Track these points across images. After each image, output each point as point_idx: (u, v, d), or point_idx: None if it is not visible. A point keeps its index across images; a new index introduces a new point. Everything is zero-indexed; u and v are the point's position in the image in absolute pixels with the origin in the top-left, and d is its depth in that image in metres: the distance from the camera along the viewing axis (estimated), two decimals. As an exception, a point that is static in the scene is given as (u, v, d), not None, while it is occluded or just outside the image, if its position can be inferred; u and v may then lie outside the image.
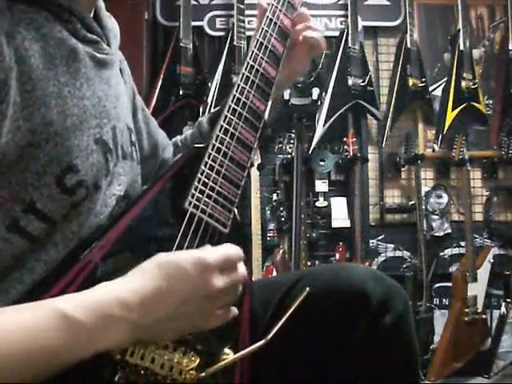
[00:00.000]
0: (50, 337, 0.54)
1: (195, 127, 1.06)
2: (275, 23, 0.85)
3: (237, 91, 0.77)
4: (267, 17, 0.84)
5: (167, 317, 0.61)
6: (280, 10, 0.86)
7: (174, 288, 0.61)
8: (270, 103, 0.83)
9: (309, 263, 2.53)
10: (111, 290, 0.59)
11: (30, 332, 0.54)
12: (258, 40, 0.82)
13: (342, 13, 2.73)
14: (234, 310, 0.68)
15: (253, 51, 0.81)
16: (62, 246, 0.67)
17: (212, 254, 0.64)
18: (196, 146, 0.76)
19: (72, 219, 0.68)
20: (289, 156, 2.64)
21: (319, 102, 2.57)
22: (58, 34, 0.69)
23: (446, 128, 2.63)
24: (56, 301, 0.57)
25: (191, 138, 1.06)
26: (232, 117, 0.76)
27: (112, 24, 0.84)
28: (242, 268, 0.67)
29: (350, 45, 2.61)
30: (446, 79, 2.73)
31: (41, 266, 0.65)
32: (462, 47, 2.67)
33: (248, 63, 0.80)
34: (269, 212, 2.64)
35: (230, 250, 0.66)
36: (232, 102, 0.77)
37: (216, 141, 0.74)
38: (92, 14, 0.78)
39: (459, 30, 2.69)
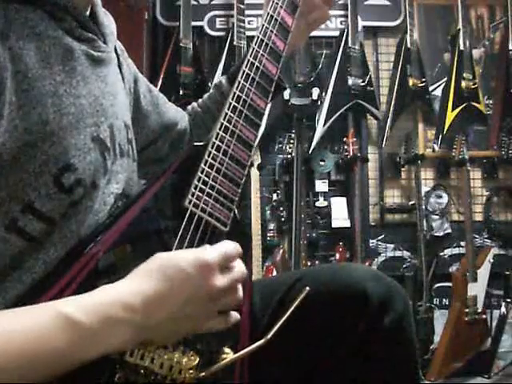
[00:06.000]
0: (52, 339, 0.54)
1: (213, 88, 1.05)
2: (276, 20, 0.84)
3: (237, 89, 0.77)
4: (268, 13, 0.84)
5: (170, 318, 0.60)
6: (281, 7, 0.85)
7: (175, 289, 0.60)
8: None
9: (309, 263, 2.53)
10: (113, 292, 0.59)
11: (32, 334, 0.54)
12: (258, 37, 0.82)
13: (342, 13, 2.73)
14: (236, 315, 0.68)
15: (253, 48, 0.81)
16: (61, 246, 0.66)
17: (211, 253, 0.63)
18: (196, 144, 0.76)
19: (71, 218, 0.67)
20: (289, 156, 2.63)
21: (319, 102, 2.57)
22: (53, 33, 0.68)
23: (445, 128, 2.63)
24: (58, 303, 0.57)
25: (210, 99, 1.05)
26: (232, 114, 0.76)
27: (108, 21, 0.83)
28: (240, 265, 0.67)
29: (350, 45, 2.61)
30: (445, 79, 2.73)
31: (40, 266, 0.65)
32: (462, 47, 2.67)
33: (248, 60, 0.79)
34: (269, 212, 2.64)
35: (229, 247, 0.66)
36: (232, 99, 0.76)
37: (216, 139, 0.74)
38: (88, 12, 0.78)
39: (459, 29, 2.69)
